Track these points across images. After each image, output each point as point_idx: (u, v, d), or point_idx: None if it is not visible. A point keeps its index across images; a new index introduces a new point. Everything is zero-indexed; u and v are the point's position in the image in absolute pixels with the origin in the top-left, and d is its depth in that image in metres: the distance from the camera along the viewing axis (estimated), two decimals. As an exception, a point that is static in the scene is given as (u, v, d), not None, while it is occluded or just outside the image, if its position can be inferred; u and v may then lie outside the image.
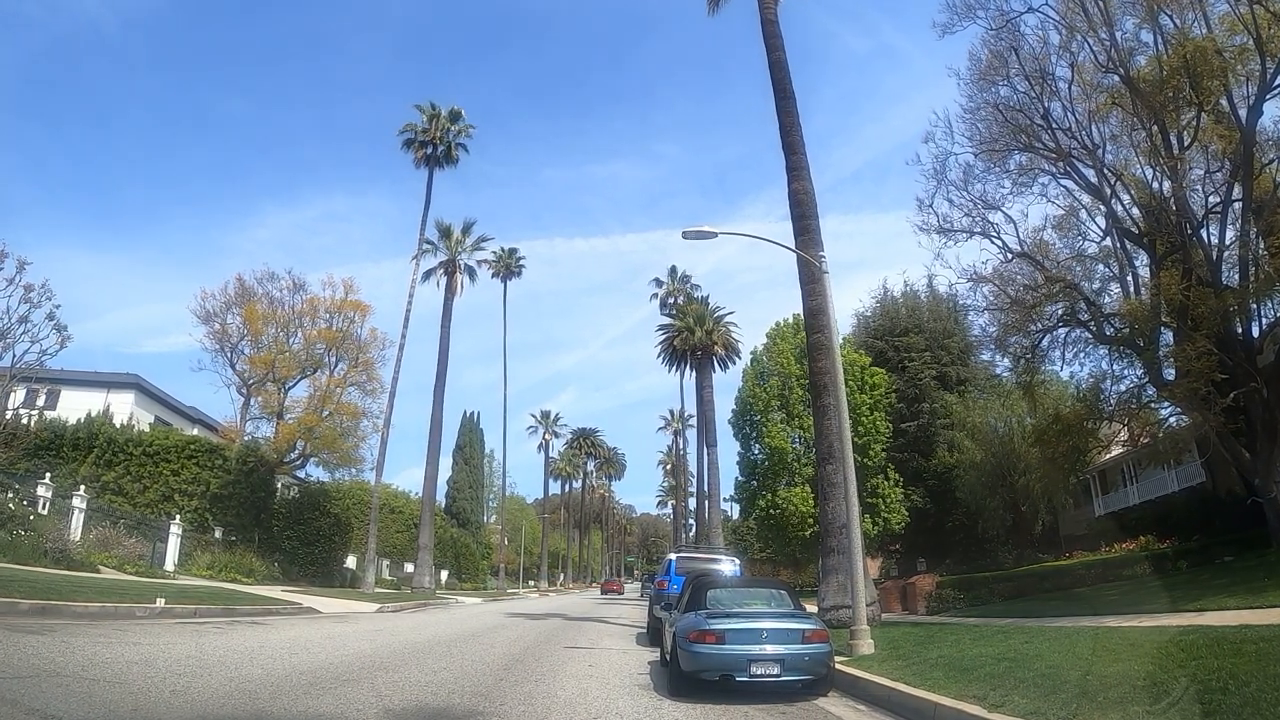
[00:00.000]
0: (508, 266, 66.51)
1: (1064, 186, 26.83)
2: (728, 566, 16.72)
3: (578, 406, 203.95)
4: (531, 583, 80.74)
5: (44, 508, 22.27)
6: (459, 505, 77.30)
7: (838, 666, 10.19)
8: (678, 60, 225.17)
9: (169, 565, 26.05)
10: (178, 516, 28.58)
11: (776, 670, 8.76)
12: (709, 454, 44.18)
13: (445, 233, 45.70)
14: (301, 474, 39.01)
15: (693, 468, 76.66)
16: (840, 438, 17.85)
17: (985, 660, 10.22)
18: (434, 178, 42.22)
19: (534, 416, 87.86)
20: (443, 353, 42.85)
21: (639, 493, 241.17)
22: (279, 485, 36.83)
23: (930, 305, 50.98)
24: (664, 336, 54.16)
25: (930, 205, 27.27)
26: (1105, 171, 24.65)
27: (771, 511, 38.52)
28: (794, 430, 40.10)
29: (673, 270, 66.73)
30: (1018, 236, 27.40)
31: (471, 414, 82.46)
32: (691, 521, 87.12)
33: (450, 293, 44.49)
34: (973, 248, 41.64)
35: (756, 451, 42.33)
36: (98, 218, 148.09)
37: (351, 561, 40.64)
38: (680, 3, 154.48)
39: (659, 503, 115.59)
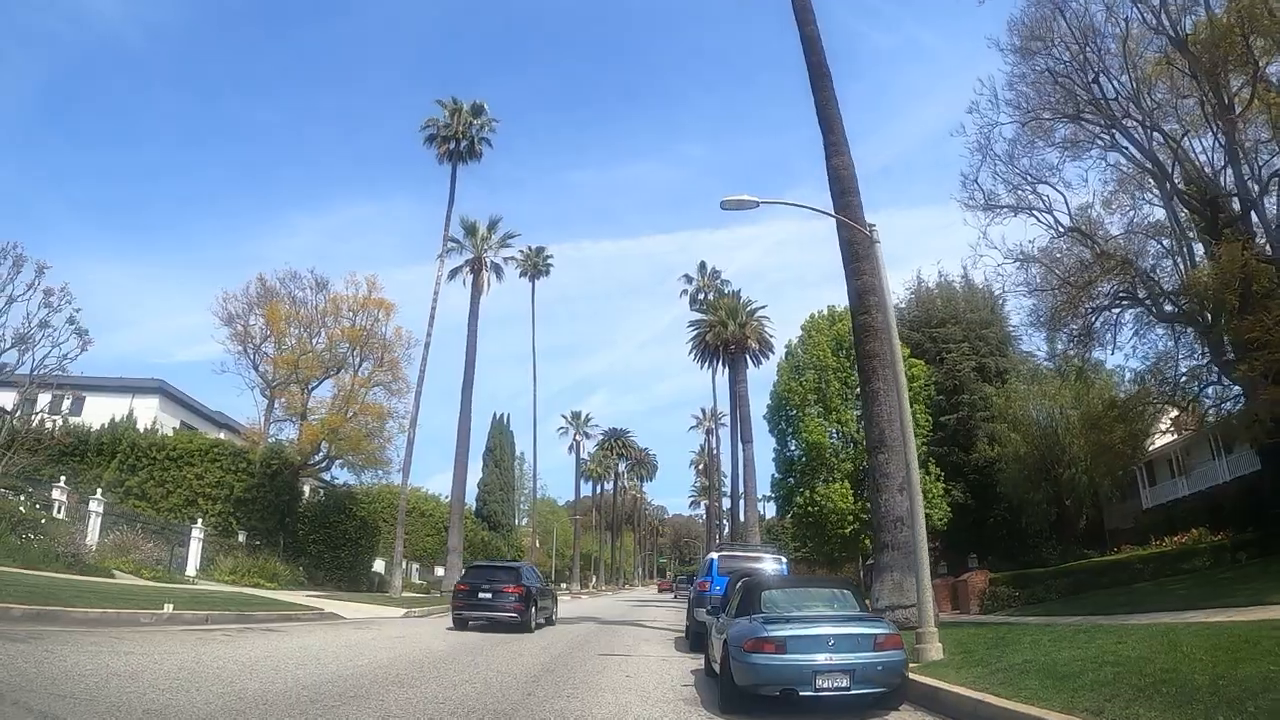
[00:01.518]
0: (535, 265, 65.57)
1: (1113, 159, 25.41)
2: (773, 565, 15.40)
3: (608, 409, 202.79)
4: (564, 585, 79.75)
5: (59, 511, 21.57)
6: (490, 508, 76.51)
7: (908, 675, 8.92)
8: (702, 60, 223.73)
9: (190, 570, 25.30)
10: (199, 520, 27.85)
11: (845, 683, 7.53)
12: (744, 450, 42.73)
13: (470, 230, 44.72)
14: (327, 477, 38.30)
15: (726, 467, 75.37)
16: (897, 422, 16.60)
17: (1082, 665, 8.92)
18: (458, 175, 41.36)
19: (564, 418, 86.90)
20: (470, 351, 41.95)
21: (671, 494, 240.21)
22: (304, 488, 36.14)
23: (966, 295, 49.45)
24: (695, 332, 52.89)
25: (975, 180, 25.97)
26: (1162, 134, 23.14)
27: (809, 509, 37.14)
28: (831, 425, 38.64)
29: (702, 266, 65.51)
30: (1068, 211, 25.97)
31: (501, 416, 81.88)
32: (724, 522, 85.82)
33: (477, 290, 43.53)
34: (1017, 230, 40.02)
35: (793, 447, 40.93)
36: (127, 231, 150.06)
37: (380, 566, 39.90)
38: (703, 3, 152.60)
39: (691, 503, 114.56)
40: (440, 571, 52.55)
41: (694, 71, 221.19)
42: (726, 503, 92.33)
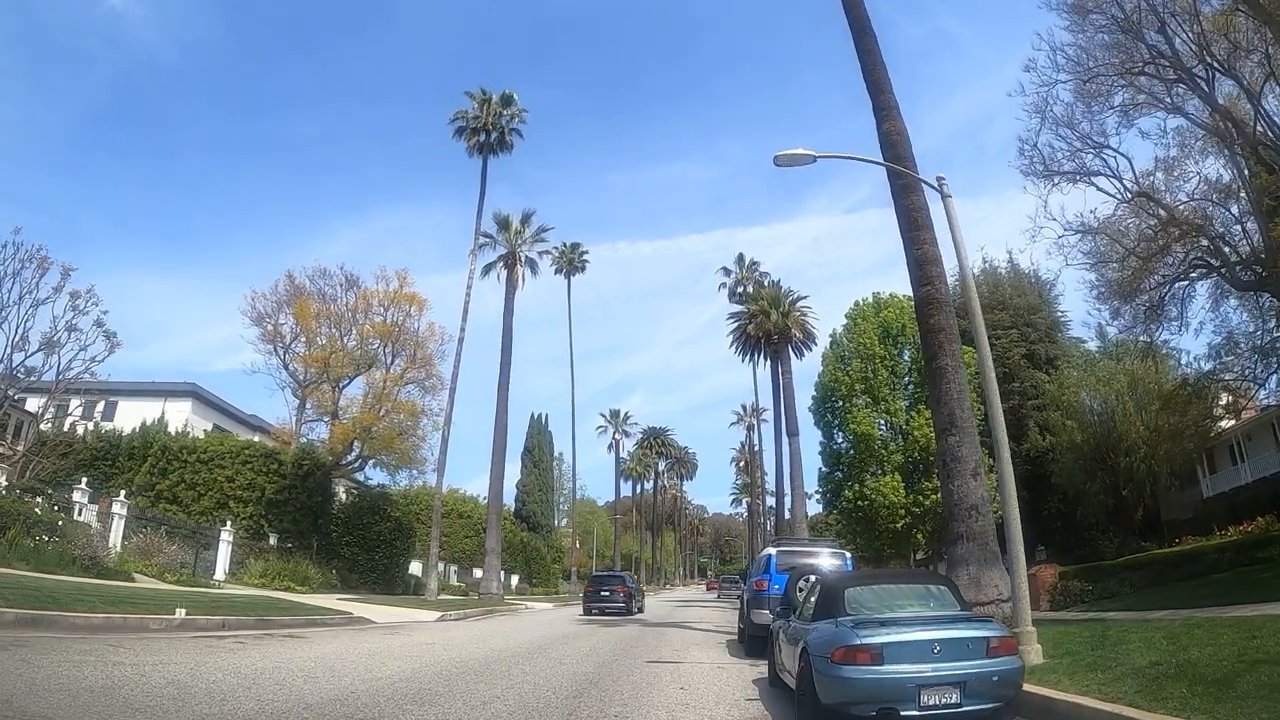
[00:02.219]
0: (570, 261, 64.75)
1: (1174, 124, 23.55)
2: (836, 562, 13.90)
3: (646, 409, 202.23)
4: (604, 586, 78.79)
5: (80, 514, 20.79)
6: (529, 509, 75.65)
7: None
8: (737, 57, 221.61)
9: (219, 574, 24.49)
10: (229, 523, 27.09)
11: (956, 697, 6.11)
12: (790, 444, 40.94)
13: (503, 224, 43.66)
14: (360, 477, 37.48)
15: (768, 463, 73.70)
16: (967, 401, 15.09)
17: (1229, 667, 7.56)
18: (489, 168, 40.28)
19: (603, 416, 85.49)
20: (506, 348, 40.93)
21: (710, 493, 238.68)
22: (338, 490, 35.34)
23: (1012, 281, 47.80)
24: (735, 325, 51.33)
25: (1034, 144, 24.24)
26: (1239, 84, 21.25)
27: (859, 503, 35.58)
28: (879, 415, 36.99)
29: (740, 258, 63.77)
30: (1133, 175, 24.13)
31: (539, 416, 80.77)
32: (766, 520, 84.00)
33: (511, 286, 42.45)
34: (1076, 201, 37.94)
35: (839, 440, 39.35)
36: (168, 244, 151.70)
37: (416, 568, 39.02)
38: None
39: (733, 501, 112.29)
40: (478, 573, 51.81)
41: (731, 69, 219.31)
42: (771, 500, 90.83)
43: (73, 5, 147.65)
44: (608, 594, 28.67)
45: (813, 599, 7.94)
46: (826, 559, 14.01)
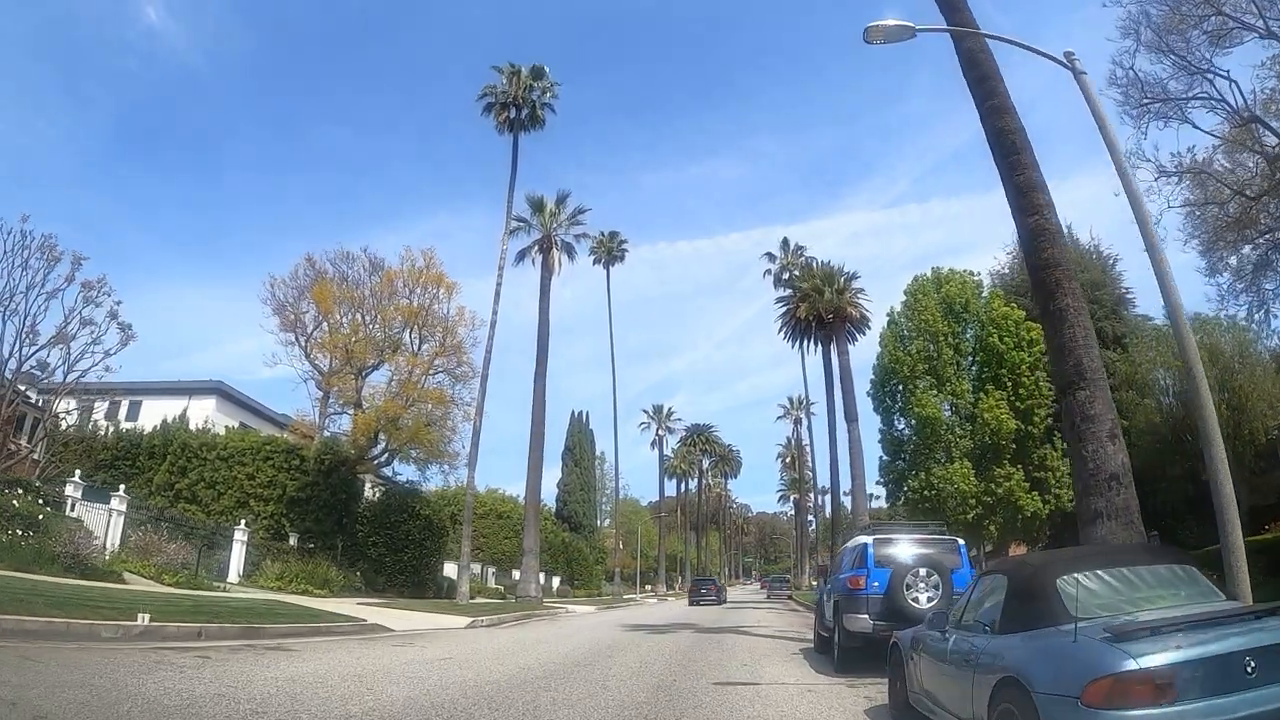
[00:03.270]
0: (609, 250, 62.61)
1: (1273, 50, 20.40)
2: (951, 557, 10.93)
3: (690, 408, 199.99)
4: (649, 587, 76.10)
5: (72, 509, 18.88)
6: (570, 508, 73.42)
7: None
8: (770, 53, 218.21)
9: (232, 576, 22.52)
10: (244, 522, 25.15)
11: None
12: (850, 430, 37.51)
13: (537, 206, 41.15)
14: (388, 473, 35.44)
15: (818, 458, 70.63)
16: (1095, 348, 12.28)
17: None
18: (520, 146, 37.88)
19: (646, 412, 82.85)
20: (542, 336, 38.67)
21: (755, 492, 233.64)
22: (365, 488, 33.31)
23: (1074, 257, 44.26)
24: (784, 309, 48.48)
25: (1131, 68, 21.31)
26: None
27: (925, 493, 32.42)
28: (944, 398, 33.85)
29: (785, 242, 60.91)
30: (1240, 97, 21.05)
31: (580, 414, 78.52)
32: (813, 518, 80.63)
33: (548, 270, 40.05)
34: (1169, 141, 34.31)
35: (901, 426, 36.30)
36: (206, 256, 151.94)
37: (453, 570, 36.83)
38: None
39: (780, 498, 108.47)
40: (517, 575, 49.62)
41: (763, 65, 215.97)
42: (818, 497, 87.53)
43: (108, 23, 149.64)
44: (705, 591, 45.59)
45: (989, 599, 5.25)
46: (937, 551, 11.13)
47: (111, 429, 31.96)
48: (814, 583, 68.44)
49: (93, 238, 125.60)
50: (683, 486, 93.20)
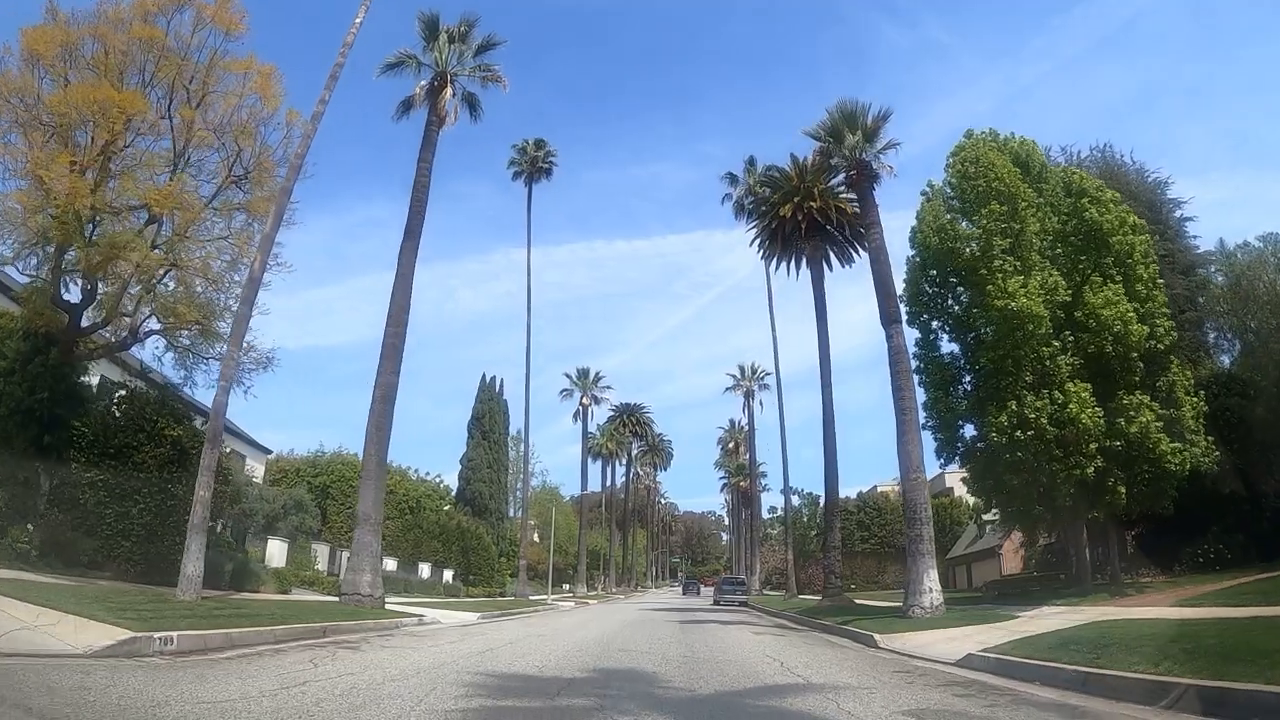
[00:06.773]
0: (534, 163, 50.46)
1: None
2: None
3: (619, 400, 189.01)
4: (566, 586, 63.15)
5: None
6: (474, 489, 59.86)
7: None
8: (719, 57, 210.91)
9: None
10: None
11: None
12: (891, 338, 23.08)
13: (430, 30, 27.80)
14: (139, 363, 21.75)
15: (770, 436, 59.29)
16: None
17: None
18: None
19: (569, 376, 68.90)
20: (418, 200, 25.63)
21: (684, 493, 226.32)
22: (94, 384, 19.68)
23: (1135, 174, 35.08)
24: (765, 210, 36.65)
25: None
26: None
27: (1015, 434, 20.46)
28: (1034, 297, 21.56)
29: (751, 161, 49.45)
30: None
31: (492, 379, 64.64)
32: (756, 507, 68.65)
33: (436, 116, 26.79)
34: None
35: (947, 347, 24.81)
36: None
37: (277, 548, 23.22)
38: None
39: (723, 486, 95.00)
40: (391, 565, 36.05)
41: (711, 68, 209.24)
42: (763, 482, 75.77)
43: None
44: (729, 589, 46.79)
45: None
46: None
47: None
48: (768, 592, 56.78)
49: None
50: (609, 475, 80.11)
